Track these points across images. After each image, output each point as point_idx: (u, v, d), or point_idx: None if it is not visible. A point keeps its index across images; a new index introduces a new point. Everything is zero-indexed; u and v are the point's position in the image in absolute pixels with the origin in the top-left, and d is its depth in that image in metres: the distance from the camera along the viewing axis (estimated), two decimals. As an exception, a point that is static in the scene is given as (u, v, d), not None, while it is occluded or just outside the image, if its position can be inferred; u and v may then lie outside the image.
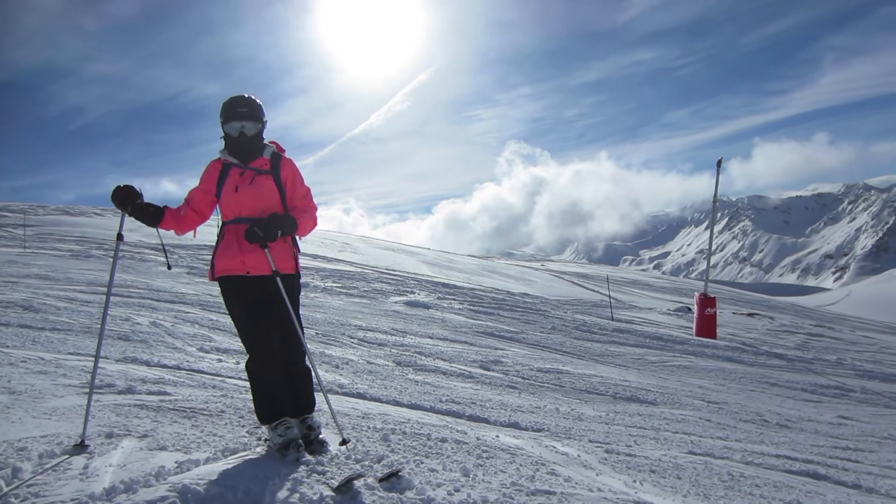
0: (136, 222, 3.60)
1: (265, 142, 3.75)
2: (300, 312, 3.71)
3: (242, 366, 5.94)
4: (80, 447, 3.15)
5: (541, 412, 5.82)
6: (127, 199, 3.48)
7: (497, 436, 4.49)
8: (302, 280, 13.28)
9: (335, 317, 10.13)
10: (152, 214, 3.54)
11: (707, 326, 13.78)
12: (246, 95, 3.69)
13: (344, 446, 3.55)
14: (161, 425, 3.70)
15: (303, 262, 16.61)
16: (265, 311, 3.53)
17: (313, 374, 3.70)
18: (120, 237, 3.74)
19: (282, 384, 3.56)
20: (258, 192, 3.60)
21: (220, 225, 3.66)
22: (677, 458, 4.61)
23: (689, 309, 17.80)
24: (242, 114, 3.63)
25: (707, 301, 13.97)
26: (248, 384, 5.21)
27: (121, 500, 2.59)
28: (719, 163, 16.20)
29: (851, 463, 5.23)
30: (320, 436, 3.62)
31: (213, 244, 3.64)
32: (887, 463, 5.35)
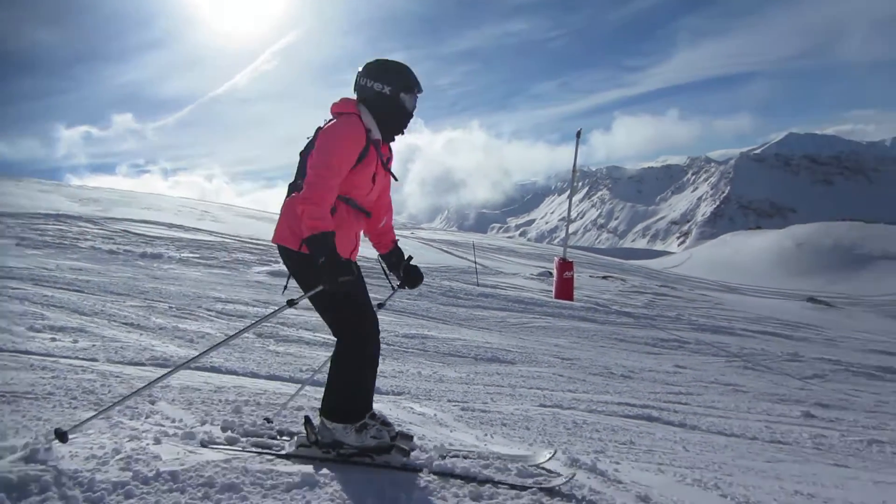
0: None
1: None
2: None
3: (80, 344, 5.46)
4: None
5: (403, 376, 5.90)
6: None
7: (356, 401, 4.48)
8: (156, 251, 12.24)
9: (191, 289, 9.58)
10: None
11: (565, 289, 14.62)
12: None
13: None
14: (-28, 412, 3.30)
15: (157, 233, 15.49)
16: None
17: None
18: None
19: (374, 376, 3.23)
20: (384, 190, 3.24)
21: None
22: (528, 412, 4.87)
23: (551, 273, 18.76)
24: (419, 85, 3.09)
25: (565, 265, 14.79)
26: (83, 363, 4.81)
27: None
28: (578, 134, 17.08)
29: (681, 405, 5.82)
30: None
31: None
32: (711, 403, 6.01)
